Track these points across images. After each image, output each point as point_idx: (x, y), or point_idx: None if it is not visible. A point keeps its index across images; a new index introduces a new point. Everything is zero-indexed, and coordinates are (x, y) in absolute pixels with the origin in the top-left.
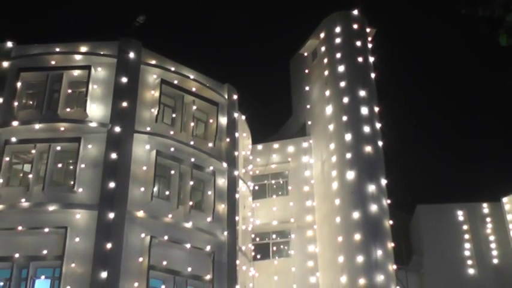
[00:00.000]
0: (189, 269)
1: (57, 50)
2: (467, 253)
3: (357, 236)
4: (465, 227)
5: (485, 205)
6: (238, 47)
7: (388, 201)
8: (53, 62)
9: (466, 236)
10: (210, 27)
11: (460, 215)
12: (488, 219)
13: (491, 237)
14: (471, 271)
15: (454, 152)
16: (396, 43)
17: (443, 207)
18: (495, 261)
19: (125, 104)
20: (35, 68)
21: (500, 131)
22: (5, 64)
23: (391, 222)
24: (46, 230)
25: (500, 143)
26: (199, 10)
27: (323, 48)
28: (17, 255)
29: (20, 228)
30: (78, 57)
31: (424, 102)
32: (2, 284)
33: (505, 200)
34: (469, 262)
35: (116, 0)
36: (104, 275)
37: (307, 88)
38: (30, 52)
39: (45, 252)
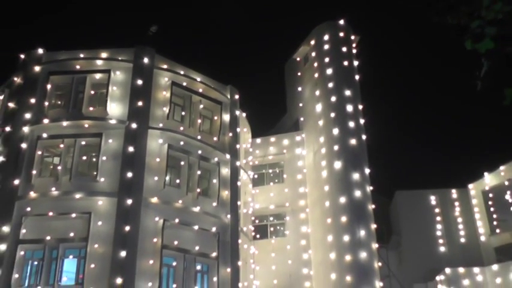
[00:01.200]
0: (197, 248)
1: (81, 56)
2: (438, 233)
3: (344, 218)
4: (437, 210)
5: (454, 191)
6: (240, 53)
7: (371, 188)
8: (77, 67)
9: (438, 218)
10: (215, 36)
11: (433, 199)
12: (456, 204)
13: (459, 219)
14: (442, 249)
15: (429, 145)
16: (378, 48)
17: (418, 192)
18: (462, 240)
19: (140, 103)
20: (63, 71)
21: (467, 128)
22: (37, 69)
23: (373, 206)
24: (73, 215)
25: (467, 137)
26: (204, 19)
27: (313, 54)
28: (48, 237)
29: (50, 214)
30: (99, 62)
31: (402, 100)
32: (36, 263)
33: (470, 186)
34: (440, 241)
35: (132, 13)
36: (123, 254)
37: (299, 89)
38: (58, 58)
39: (72, 234)
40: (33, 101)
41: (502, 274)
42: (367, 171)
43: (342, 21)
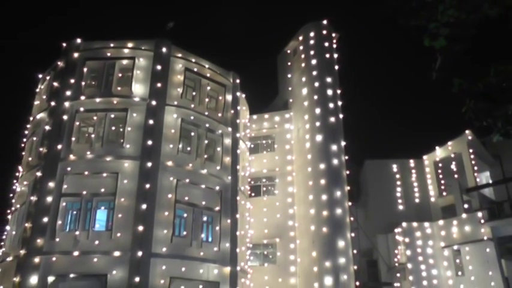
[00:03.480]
0: (204, 203)
1: (111, 45)
2: (398, 194)
3: (323, 181)
4: (397, 176)
5: (411, 161)
6: (242, 45)
7: (345, 157)
8: (108, 54)
9: (398, 183)
10: (221, 31)
11: (394, 167)
12: (413, 171)
13: (415, 184)
14: (400, 207)
15: (393, 124)
16: (354, 44)
17: (383, 162)
18: (416, 200)
19: (159, 84)
20: (96, 58)
21: (424, 110)
22: (76, 55)
23: (347, 172)
24: (104, 174)
25: (423, 118)
26: (214, 18)
27: (301, 47)
28: (84, 192)
29: (86, 173)
30: (126, 50)
31: (374, 86)
32: (75, 212)
33: (425, 157)
34: (399, 201)
35: (153, 11)
36: (144, 206)
37: (289, 75)
38: (93, 46)
39: (103, 190)
40: (72, 81)
41: (445, 228)
42: (342, 143)
43: (325, 22)
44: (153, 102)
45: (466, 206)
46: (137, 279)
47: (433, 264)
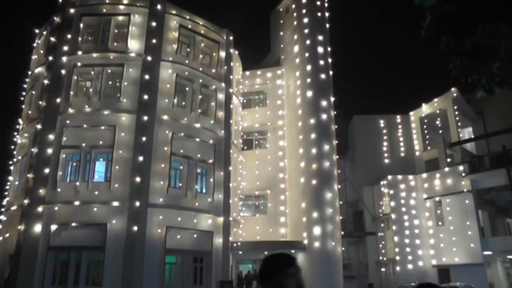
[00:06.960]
0: (198, 155)
1: (107, 1)
2: (384, 149)
3: (312, 136)
4: (384, 131)
5: (398, 117)
6: (236, 4)
7: (334, 112)
8: (104, 10)
9: (385, 137)
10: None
11: (382, 122)
12: (399, 127)
13: (401, 139)
14: (386, 161)
15: (381, 80)
16: (344, 3)
17: (370, 117)
18: (402, 154)
19: (154, 41)
20: (92, 14)
21: (412, 68)
22: (72, 11)
23: (335, 126)
24: (102, 127)
25: (411, 75)
26: None
27: (293, 6)
28: (83, 144)
29: (85, 126)
30: (121, 7)
31: (364, 44)
32: (75, 164)
33: (411, 113)
34: (385, 155)
35: None
36: (141, 158)
37: (281, 33)
38: (89, 2)
39: (101, 142)
40: (69, 36)
41: (428, 180)
42: (332, 99)
43: None
44: (149, 58)
45: (448, 159)
46: (135, 228)
47: (415, 214)
